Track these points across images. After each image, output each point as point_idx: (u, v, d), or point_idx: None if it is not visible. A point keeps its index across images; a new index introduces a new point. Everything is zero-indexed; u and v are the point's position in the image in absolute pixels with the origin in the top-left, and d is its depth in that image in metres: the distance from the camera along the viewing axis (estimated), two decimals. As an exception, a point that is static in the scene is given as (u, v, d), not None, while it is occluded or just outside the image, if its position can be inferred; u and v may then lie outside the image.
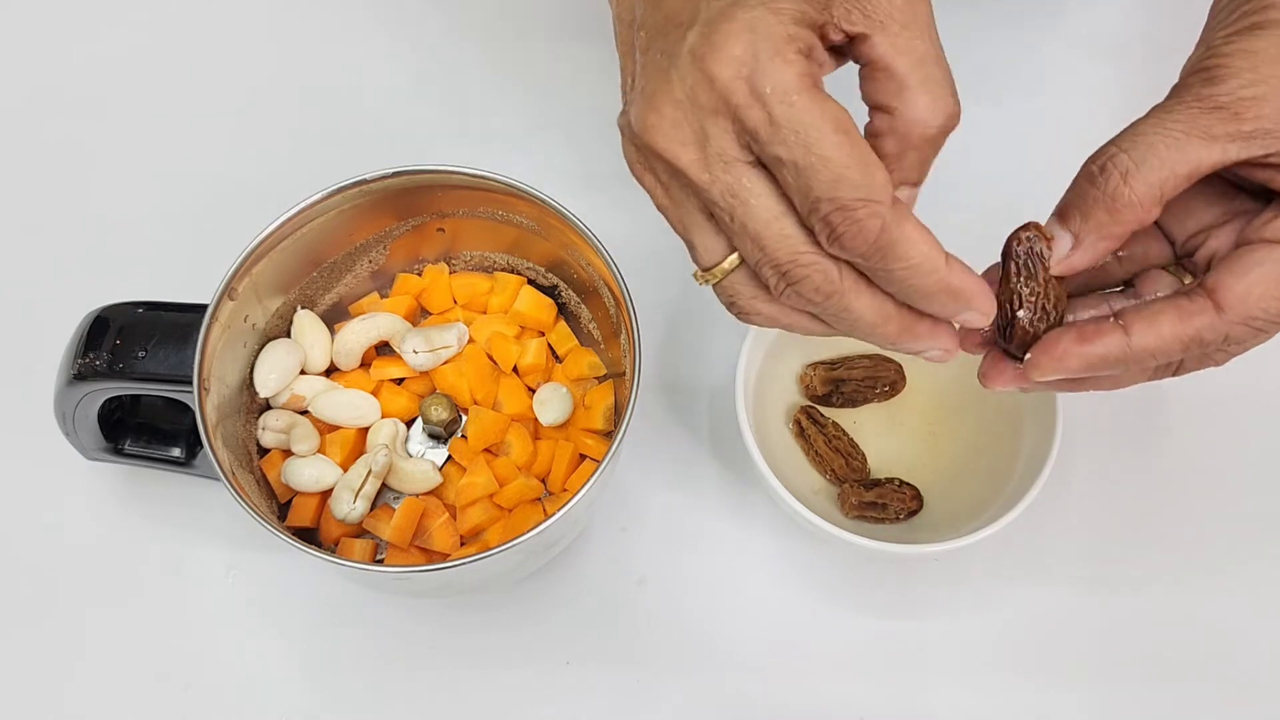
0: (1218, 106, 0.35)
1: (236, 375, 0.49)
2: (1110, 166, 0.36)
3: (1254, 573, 0.52)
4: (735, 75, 0.33)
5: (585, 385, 0.52)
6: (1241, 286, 0.36)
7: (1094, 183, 0.36)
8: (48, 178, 0.61)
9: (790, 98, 0.32)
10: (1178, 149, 0.35)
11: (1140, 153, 0.36)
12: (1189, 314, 0.36)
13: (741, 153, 0.34)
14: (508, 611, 0.51)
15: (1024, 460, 0.49)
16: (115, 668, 0.51)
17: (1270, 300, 0.36)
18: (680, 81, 0.34)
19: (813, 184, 0.33)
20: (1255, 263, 0.36)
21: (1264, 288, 0.36)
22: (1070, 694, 0.50)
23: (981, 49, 0.62)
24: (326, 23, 0.65)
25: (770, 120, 0.33)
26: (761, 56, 0.33)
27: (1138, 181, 0.36)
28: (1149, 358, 0.37)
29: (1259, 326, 0.36)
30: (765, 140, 0.33)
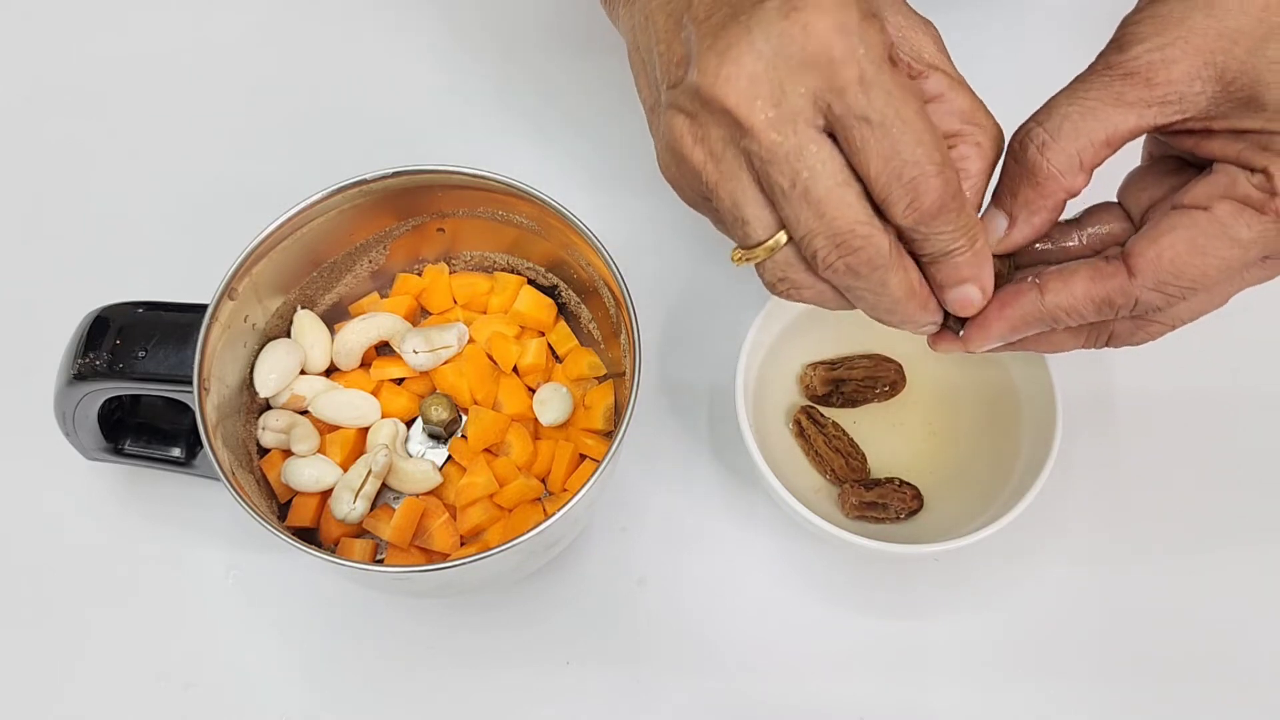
0: (1128, 73, 0.36)
1: (236, 375, 0.49)
2: (1027, 141, 0.37)
3: (1254, 572, 0.52)
4: (834, 28, 0.32)
5: (585, 385, 0.52)
6: (1153, 251, 0.37)
7: (1017, 160, 0.38)
8: (48, 178, 0.61)
9: (883, 62, 0.33)
10: (1092, 117, 0.36)
11: (1055, 124, 0.37)
12: (1102, 275, 0.37)
13: (815, 116, 0.34)
14: (508, 611, 0.51)
15: (1024, 460, 0.49)
16: (115, 668, 0.50)
17: (1181, 264, 0.36)
18: (764, 34, 0.33)
19: (900, 146, 0.33)
20: (1169, 228, 0.37)
21: (1174, 252, 0.36)
22: (1070, 694, 0.50)
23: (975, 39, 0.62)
24: (327, 23, 0.65)
25: (863, 79, 0.33)
26: (857, 18, 0.33)
27: (1054, 152, 0.37)
28: (1064, 315, 0.38)
29: (1171, 292, 0.37)
30: (854, 99, 0.33)
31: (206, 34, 0.65)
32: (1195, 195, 0.37)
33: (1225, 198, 0.36)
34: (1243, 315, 0.45)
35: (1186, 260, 0.36)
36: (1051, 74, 0.39)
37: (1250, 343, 0.56)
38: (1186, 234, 0.36)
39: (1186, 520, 0.53)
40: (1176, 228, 0.37)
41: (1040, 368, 0.50)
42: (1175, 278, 0.37)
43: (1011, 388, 0.52)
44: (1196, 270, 0.36)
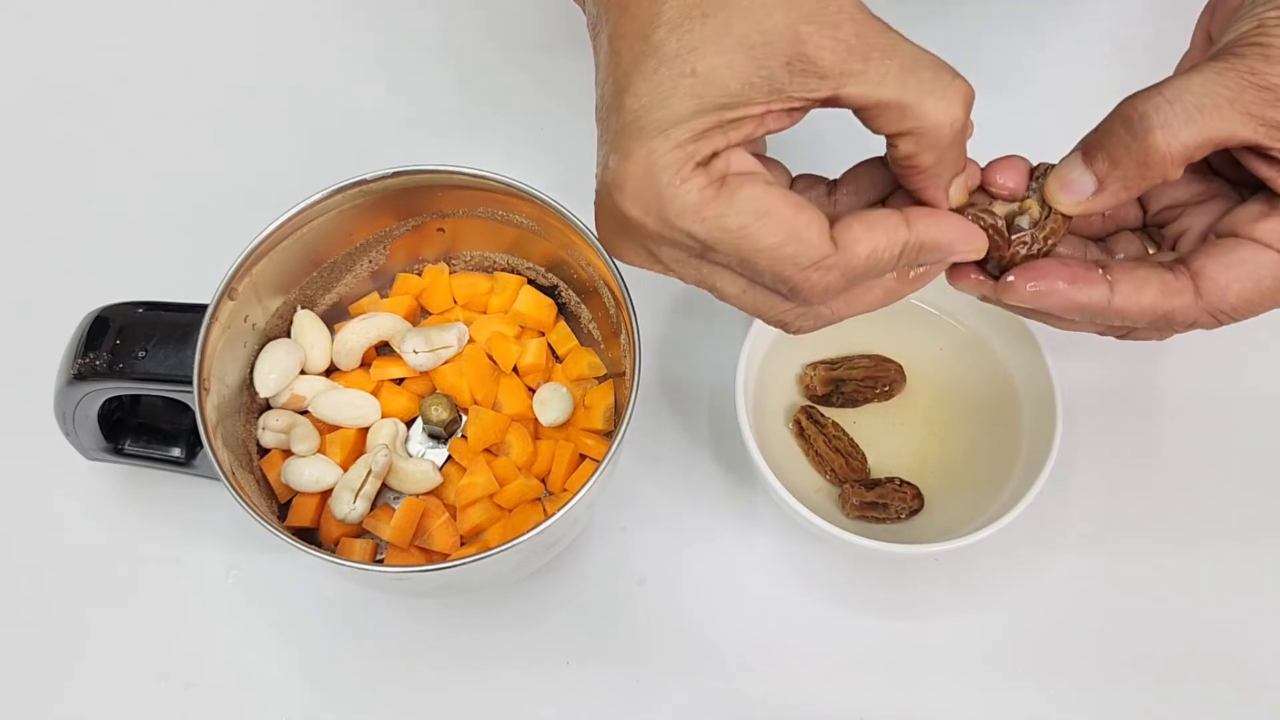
0: (1267, 87, 0.35)
1: (236, 375, 0.49)
2: (1152, 116, 0.35)
3: (1255, 572, 0.52)
4: (643, 213, 0.34)
5: (585, 385, 0.52)
6: (1224, 279, 0.36)
7: (1132, 131, 0.35)
8: (48, 178, 0.61)
9: (702, 213, 0.33)
10: (1220, 116, 0.35)
11: (1186, 110, 0.35)
12: (1171, 290, 0.37)
13: (687, 254, 0.35)
14: (508, 611, 0.51)
15: (1024, 460, 0.49)
16: (115, 668, 0.50)
17: (1244, 300, 0.37)
18: (609, 213, 0.36)
19: (759, 273, 0.34)
20: (1240, 260, 0.36)
21: (1242, 285, 0.36)
22: (1070, 693, 0.50)
23: (992, 42, 0.62)
24: (327, 23, 0.65)
25: (693, 238, 0.34)
26: (661, 189, 0.33)
27: (1175, 139, 0.35)
28: (1119, 317, 0.37)
29: (1221, 319, 0.37)
30: (700, 252, 0.35)
31: (206, 34, 0.65)
32: (1264, 232, 0.36)
33: None
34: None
35: (1248, 294, 0.36)
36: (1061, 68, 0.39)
37: (1251, 343, 0.56)
38: (1254, 270, 0.36)
39: (1187, 520, 0.53)
40: (1248, 262, 0.36)
41: (1040, 368, 0.50)
42: (1234, 309, 0.37)
43: (1012, 387, 0.52)
44: (1250, 305, 0.37)
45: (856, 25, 0.33)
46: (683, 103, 0.33)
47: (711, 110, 0.33)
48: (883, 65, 0.33)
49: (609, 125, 0.35)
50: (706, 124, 0.33)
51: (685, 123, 0.33)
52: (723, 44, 0.33)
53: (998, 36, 0.64)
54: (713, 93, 0.33)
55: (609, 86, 0.35)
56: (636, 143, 0.34)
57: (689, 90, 0.33)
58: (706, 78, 0.33)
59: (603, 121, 0.36)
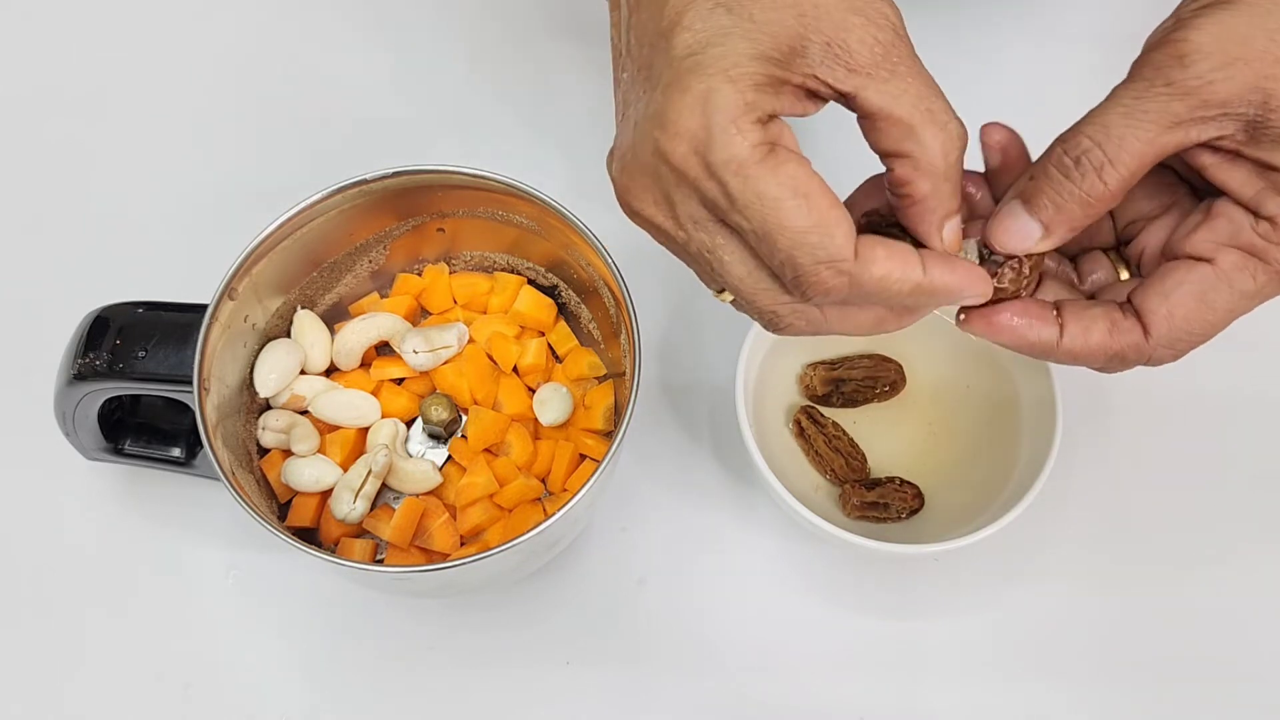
0: (1186, 92, 0.35)
1: (236, 375, 0.49)
2: (1084, 160, 0.36)
3: (1254, 572, 0.52)
4: (689, 151, 0.33)
5: (585, 385, 0.52)
6: (1164, 309, 0.36)
7: (1069, 176, 0.36)
8: (48, 178, 0.61)
9: (745, 170, 0.32)
10: (1149, 143, 0.35)
11: (1113, 145, 0.35)
12: (1120, 331, 0.37)
13: (709, 214, 0.34)
14: (508, 611, 0.51)
15: (1024, 460, 0.49)
16: (115, 667, 0.50)
17: (1192, 320, 0.36)
18: (644, 149, 0.34)
19: (774, 251, 0.33)
20: (1176, 283, 0.36)
21: (1185, 310, 0.36)
22: (1070, 694, 0.50)
23: (977, 45, 0.62)
24: (327, 22, 0.65)
25: (726, 193, 0.33)
26: (715, 130, 0.32)
27: (1112, 176, 0.35)
28: (1069, 358, 0.38)
29: (1180, 348, 0.37)
30: (725, 211, 0.34)
31: (206, 34, 0.65)
32: (1198, 244, 0.36)
33: (1229, 246, 0.36)
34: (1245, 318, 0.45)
35: (1196, 316, 0.36)
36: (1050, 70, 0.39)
37: (1251, 343, 0.56)
38: (1194, 289, 0.36)
39: (1186, 520, 0.53)
40: (1184, 283, 0.36)
41: (1041, 368, 0.50)
42: (1187, 335, 0.37)
43: (1012, 388, 0.52)
44: (1206, 324, 0.36)
45: (894, 36, 0.34)
46: (742, 44, 0.32)
47: (769, 60, 0.33)
48: (904, 82, 0.34)
49: (653, 64, 0.34)
50: (765, 75, 0.33)
51: (746, 67, 0.32)
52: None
53: (982, 35, 0.63)
54: (770, 44, 0.32)
55: (651, 25, 0.34)
56: (695, 77, 0.32)
57: (748, 34, 0.32)
58: (764, 27, 0.32)
59: (636, 61, 0.35)
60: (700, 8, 0.33)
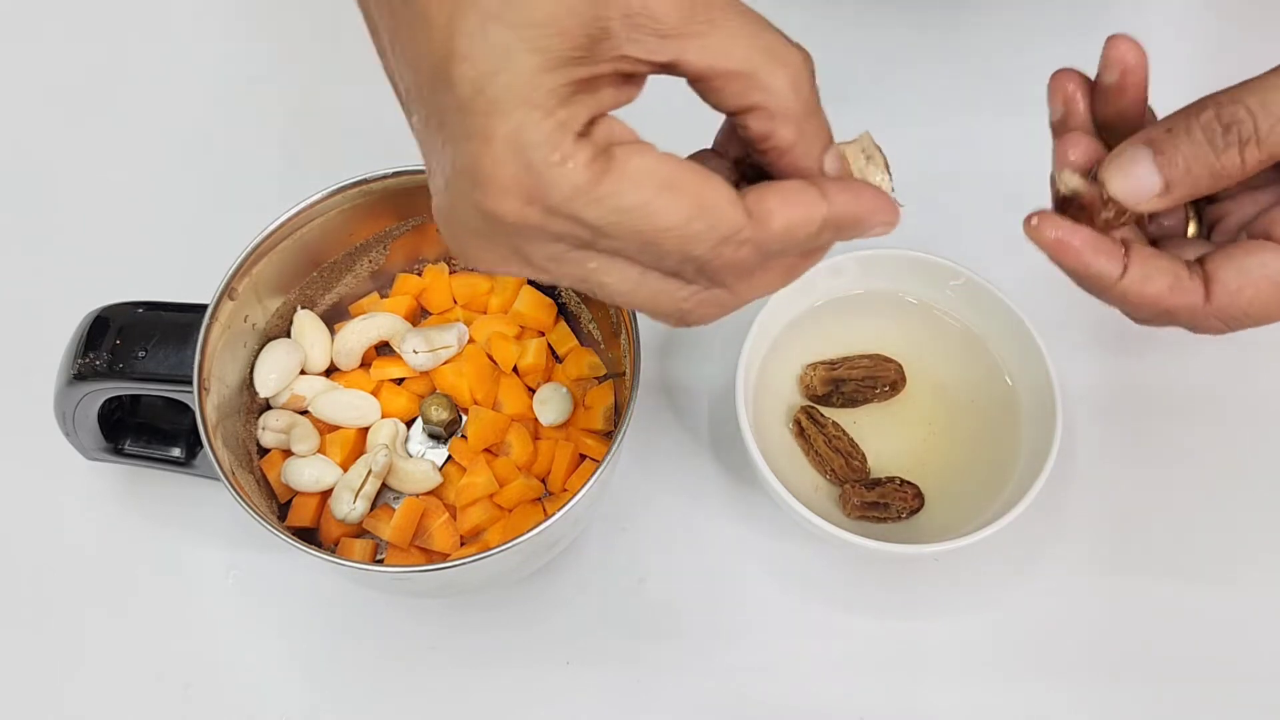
0: None
1: (236, 375, 0.49)
2: (1235, 132, 0.33)
3: (1255, 572, 0.52)
4: (521, 204, 0.29)
5: (585, 385, 0.52)
6: (1236, 284, 0.34)
7: (1212, 141, 0.33)
8: (48, 177, 0.61)
9: (592, 195, 0.29)
10: None
11: (1268, 126, 0.33)
12: (1180, 290, 0.35)
13: (568, 247, 0.30)
14: (508, 611, 0.51)
15: (1024, 460, 0.49)
16: (115, 668, 0.50)
17: (1260, 304, 0.35)
18: (467, 213, 0.30)
19: (663, 257, 0.30)
20: (1259, 264, 0.34)
21: (1255, 291, 0.35)
22: (1070, 693, 0.50)
23: (1014, 58, 0.62)
24: (327, 22, 0.65)
25: (582, 224, 0.29)
26: (539, 170, 0.28)
27: (1253, 155, 0.33)
28: (1120, 300, 0.36)
29: (1232, 325, 0.36)
30: (589, 241, 0.30)
31: (206, 34, 0.65)
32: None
33: None
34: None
35: (1264, 300, 0.35)
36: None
37: (1252, 343, 0.56)
38: (1271, 275, 0.34)
39: (1187, 520, 0.53)
40: (1267, 265, 0.34)
41: (1041, 368, 0.50)
42: (1245, 315, 0.35)
43: (1012, 387, 0.52)
44: (1267, 312, 0.35)
45: None
46: (529, 59, 0.28)
47: (564, 65, 0.28)
48: (727, 28, 0.30)
49: (439, 107, 0.29)
50: (566, 83, 0.29)
51: (544, 84, 0.28)
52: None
53: (1019, 54, 0.63)
54: (561, 44, 0.28)
55: (424, 60, 0.29)
56: (494, 119, 0.28)
57: (532, 42, 0.28)
58: (548, 26, 0.28)
59: (423, 105, 0.30)
60: (469, 29, 0.28)
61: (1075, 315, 0.54)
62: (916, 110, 0.62)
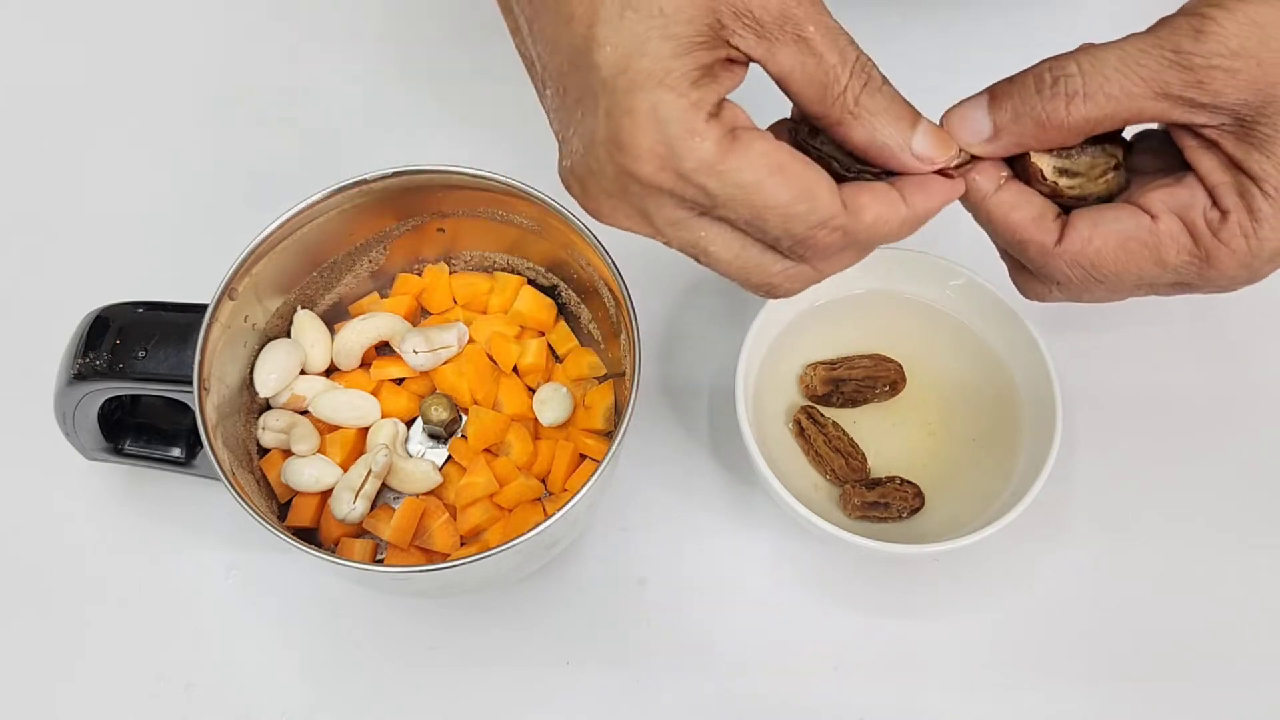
0: (1189, 67, 0.34)
1: (236, 375, 0.49)
2: (1062, 84, 0.35)
3: (1255, 572, 0.52)
4: (656, 168, 0.33)
5: (585, 385, 0.52)
6: (1087, 233, 0.37)
7: (1040, 90, 0.36)
8: (47, 178, 0.61)
9: (716, 169, 0.33)
10: (1130, 96, 0.34)
11: (1095, 84, 0.35)
12: (1039, 227, 0.37)
13: (688, 213, 0.35)
14: (508, 611, 0.51)
15: (1024, 460, 0.49)
16: (115, 668, 0.50)
17: (1104, 257, 0.37)
18: (606, 173, 0.34)
19: (767, 230, 0.34)
20: (1112, 218, 0.37)
21: (1102, 242, 0.36)
22: (1071, 694, 0.50)
23: (986, 50, 0.62)
24: (326, 22, 0.65)
25: (705, 192, 0.33)
26: (675, 142, 0.32)
27: (1079, 110, 0.35)
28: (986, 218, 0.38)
29: (1078, 274, 0.37)
30: (708, 208, 0.34)
31: (206, 34, 0.65)
32: (1152, 200, 0.37)
33: (1175, 213, 0.36)
34: (1244, 312, 0.45)
35: (1108, 254, 0.37)
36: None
37: (1252, 342, 0.56)
38: (1123, 230, 0.36)
39: (1187, 521, 0.53)
40: (1118, 220, 0.36)
41: (1041, 367, 0.50)
42: (1090, 267, 0.37)
43: (1012, 387, 0.52)
44: (1113, 268, 0.37)
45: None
46: (664, 46, 0.32)
47: (692, 51, 0.32)
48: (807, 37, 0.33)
49: (579, 84, 0.34)
50: (695, 67, 0.33)
51: (678, 69, 0.32)
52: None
53: (992, 46, 0.64)
54: (690, 32, 0.32)
55: (562, 39, 0.34)
56: (635, 96, 0.32)
57: (665, 31, 0.32)
58: (676, 16, 0.32)
59: (561, 80, 0.35)
60: (608, 17, 0.32)
61: (1075, 315, 0.54)
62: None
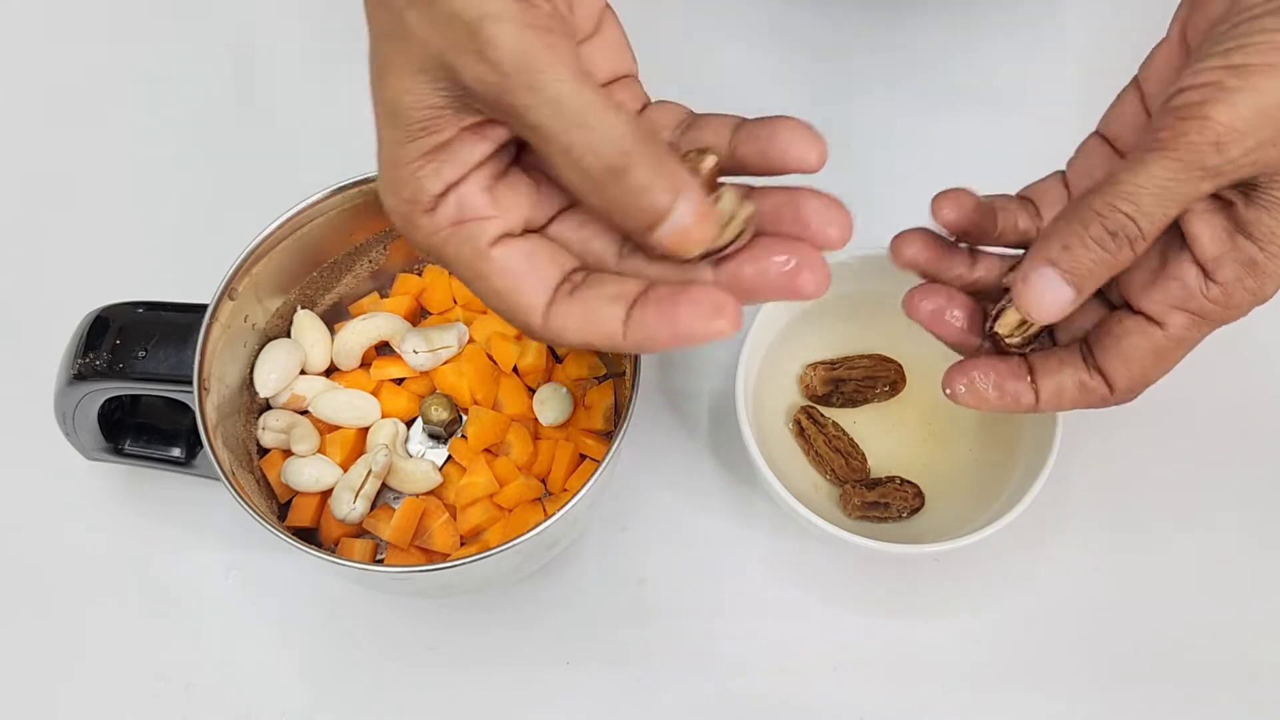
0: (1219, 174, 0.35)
1: (236, 375, 0.49)
2: (1122, 236, 0.36)
3: (1255, 572, 0.52)
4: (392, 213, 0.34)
5: (585, 385, 0.52)
6: (1124, 370, 0.39)
7: (1105, 247, 0.36)
8: (47, 178, 0.61)
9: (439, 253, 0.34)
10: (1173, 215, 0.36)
11: (1148, 224, 0.36)
12: (1088, 391, 0.40)
13: None
14: (508, 611, 0.51)
15: (1024, 460, 0.49)
16: (115, 668, 0.51)
17: (1150, 372, 0.39)
18: None
19: None
20: (1132, 347, 0.39)
21: (1142, 366, 0.39)
22: (1071, 693, 0.50)
23: (971, 60, 0.62)
24: (326, 22, 0.65)
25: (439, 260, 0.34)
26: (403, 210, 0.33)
27: (1141, 247, 0.36)
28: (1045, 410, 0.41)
29: (1140, 392, 0.40)
30: None
31: (205, 34, 0.65)
32: (1150, 305, 0.38)
33: (1179, 310, 0.38)
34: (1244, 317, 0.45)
35: (1153, 368, 0.39)
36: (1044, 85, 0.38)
37: (1252, 343, 0.56)
38: (1149, 350, 0.38)
39: (1188, 521, 0.53)
40: (1139, 347, 0.39)
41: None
42: (1145, 382, 0.40)
43: (1011, 388, 0.52)
44: (1162, 371, 0.39)
45: None
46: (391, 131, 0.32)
47: (415, 138, 0.32)
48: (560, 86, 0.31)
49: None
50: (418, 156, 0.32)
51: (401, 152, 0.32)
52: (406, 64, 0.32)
53: (975, 55, 0.63)
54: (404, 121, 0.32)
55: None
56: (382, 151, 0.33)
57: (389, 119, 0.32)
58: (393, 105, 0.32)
59: None
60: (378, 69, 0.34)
61: (1075, 315, 0.54)
62: (917, 107, 0.62)
